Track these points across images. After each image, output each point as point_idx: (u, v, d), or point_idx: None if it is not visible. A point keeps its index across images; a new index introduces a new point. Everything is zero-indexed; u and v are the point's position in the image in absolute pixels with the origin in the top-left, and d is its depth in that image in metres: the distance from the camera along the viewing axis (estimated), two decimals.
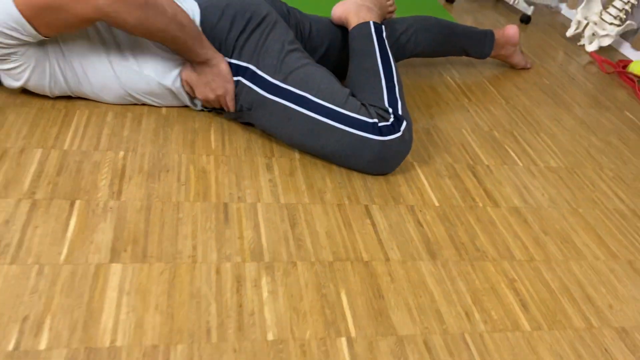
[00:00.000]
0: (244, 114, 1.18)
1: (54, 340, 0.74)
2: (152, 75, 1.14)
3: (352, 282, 0.91)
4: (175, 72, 1.16)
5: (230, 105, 1.16)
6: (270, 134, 1.19)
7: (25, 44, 1.02)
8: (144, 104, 1.24)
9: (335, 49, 1.40)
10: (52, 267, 0.84)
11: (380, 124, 1.10)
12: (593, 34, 2.08)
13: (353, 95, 1.15)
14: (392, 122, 1.11)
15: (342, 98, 1.12)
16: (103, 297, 0.81)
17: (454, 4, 2.39)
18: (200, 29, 1.13)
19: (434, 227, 1.07)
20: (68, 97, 1.21)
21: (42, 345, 0.73)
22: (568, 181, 1.30)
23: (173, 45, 1.07)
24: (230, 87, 1.14)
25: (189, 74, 1.15)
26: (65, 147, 1.08)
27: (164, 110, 1.25)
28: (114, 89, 1.15)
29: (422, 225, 1.07)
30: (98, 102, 1.21)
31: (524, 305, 0.94)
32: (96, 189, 0.99)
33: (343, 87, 1.15)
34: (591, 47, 2.07)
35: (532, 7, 2.30)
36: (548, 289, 0.98)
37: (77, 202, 0.96)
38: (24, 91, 1.20)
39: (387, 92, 1.16)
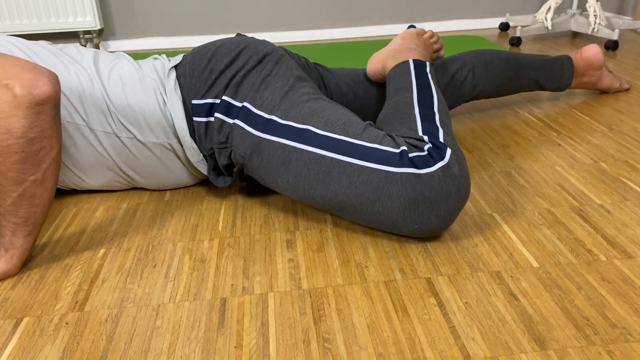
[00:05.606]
0: (243, 166, 0.91)
1: None
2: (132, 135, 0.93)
3: None
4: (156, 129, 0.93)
5: None
6: (274, 189, 0.90)
7: None
8: (143, 189, 1.03)
9: (371, 107, 1.15)
10: None
11: (411, 154, 0.79)
12: None
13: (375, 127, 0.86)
14: (429, 151, 0.79)
15: (357, 129, 0.83)
16: None
17: (521, 46, 2.10)
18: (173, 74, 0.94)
19: (536, 299, 0.70)
20: (71, 192, 1.02)
21: None
22: None
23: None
24: None
25: None
26: (35, 252, 0.86)
27: (167, 195, 1.02)
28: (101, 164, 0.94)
29: (516, 299, 0.71)
30: (86, 192, 1.01)
31: None
32: (55, 299, 0.75)
33: (362, 120, 0.87)
34: None
35: (616, 31, 1.95)
36: None
37: (25, 320, 0.71)
38: None
39: (422, 121, 0.85)
